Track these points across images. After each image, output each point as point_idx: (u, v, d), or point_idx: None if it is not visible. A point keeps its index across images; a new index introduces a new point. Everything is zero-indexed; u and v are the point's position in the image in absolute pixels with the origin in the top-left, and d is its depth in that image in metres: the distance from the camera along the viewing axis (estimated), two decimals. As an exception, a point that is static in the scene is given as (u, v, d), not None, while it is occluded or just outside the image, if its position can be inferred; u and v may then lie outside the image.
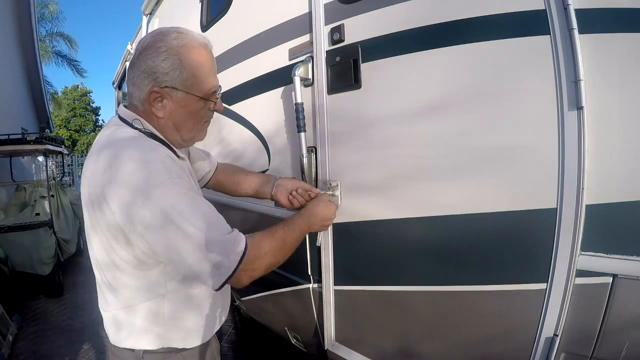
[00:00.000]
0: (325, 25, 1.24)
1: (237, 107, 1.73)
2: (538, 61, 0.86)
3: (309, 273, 1.44)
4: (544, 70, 0.84)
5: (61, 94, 27.31)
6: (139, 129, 0.85)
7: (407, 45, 1.06)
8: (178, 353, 0.91)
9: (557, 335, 0.88)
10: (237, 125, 1.74)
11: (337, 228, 1.29)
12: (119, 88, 4.84)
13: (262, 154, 1.60)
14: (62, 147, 5.66)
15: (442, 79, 1.01)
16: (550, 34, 0.83)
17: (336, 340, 1.41)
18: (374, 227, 1.19)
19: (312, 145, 1.32)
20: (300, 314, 1.57)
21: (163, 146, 0.86)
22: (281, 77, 1.42)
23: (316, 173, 1.32)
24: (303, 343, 1.71)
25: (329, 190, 1.26)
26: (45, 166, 5.02)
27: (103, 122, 30.73)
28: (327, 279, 1.34)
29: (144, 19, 3.02)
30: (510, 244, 0.94)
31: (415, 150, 1.07)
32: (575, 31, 0.79)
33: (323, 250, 1.33)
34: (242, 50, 1.64)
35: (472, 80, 0.96)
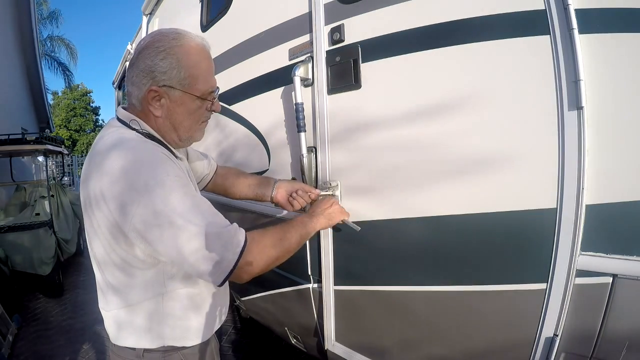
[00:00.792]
0: (325, 25, 1.24)
1: (237, 107, 1.73)
2: (538, 61, 0.85)
3: (309, 273, 1.44)
4: (544, 70, 0.84)
5: (61, 94, 27.37)
6: (136, 129, 0.85)
7: (407, 45, 1.06)
8: (178, 352, 0.92)
9: (557, 335, 0.88)
10: (237, 125, 1.74)
11: (337, 228, 1.29)
12: (119, 88, 4.85)
13: (262, 153, 1.60)
14: (62, 147, 5.68)
15: (442, 79, 1.01)
16: (550, 34, 0.83)
17: (336, 340, 1.41)
18: (374, 227, 1.19)
19: (312, 145, 1.32)
20: (300, 314, 1.57)
21: (160, 146, 0.86)
22: (281, 77, 1.42)
23: (316, 173, 1.32)
24: (303, 343, 1.71)
25: (328, 190, 1.26)
26: (45, 166, 5.03)
27: (103, 122, 30.74)
28: (327, 279, 1.34)
29: (144, 19, 3.02)
30: (510, 244, 0.94)
31: (415, 150, 1.07)
32: (575, 31, 0.79)
33: (323, 250, 1.33)
34: (242, 50, 1.64)
35: (472, 80, 0.96)
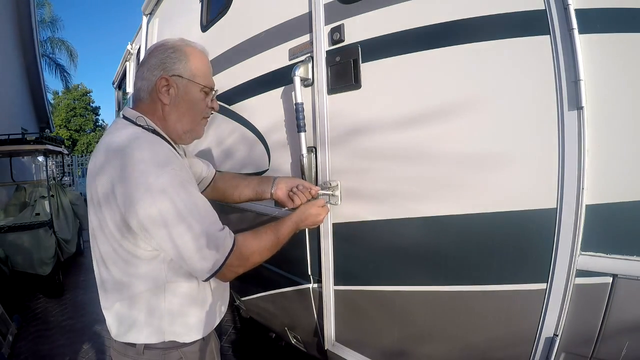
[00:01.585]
0: (325, 25, 1.24)
1: (237, 107, 1.72)
2: (538, 61, 0.85)
3: (309, 273, 1.44)
4: (544, 71, 0.84)
5: (61, 94, 27.35)
6: (142, 125, 0.91)
7: (407, 45, 1.06)
8: (178, 349, 0.93)
9: (557, 335, 0.88)
10: (237, 125, 1.74)
11: (337, 228, 1.29)
12: (119, 88, 4.85)
13: (262, 153, 1.60)
14: (62, 147, 5.67)
15: (442, 79, 1.01)
16: (550, 34, 0.83)
17: (336, 340, 1.41)
18: (374, 227, 1.19)
19: (312, 145, 1.32)
20: (300, 314, 1.57)
21: (164, 142, 0.91)
22: (281, 77, 1.42)
23: (316, 173, 1.32)
24: (303, 343, 1.71)
25: (328, 190, 1.26)
26: (45, 166, 5.02)
27: (103, 121, 30.79)
28: (327, 279, 1.34)
29: (144, 19, 3.01)
30: (510, 244, 0.94)
31: (415, 149, 1.07)
32: (575, 31, 0.79)
33: (323, 251, 1.33)
34: (242, 50, 1.64)
35: (472, 80, 0.96)
